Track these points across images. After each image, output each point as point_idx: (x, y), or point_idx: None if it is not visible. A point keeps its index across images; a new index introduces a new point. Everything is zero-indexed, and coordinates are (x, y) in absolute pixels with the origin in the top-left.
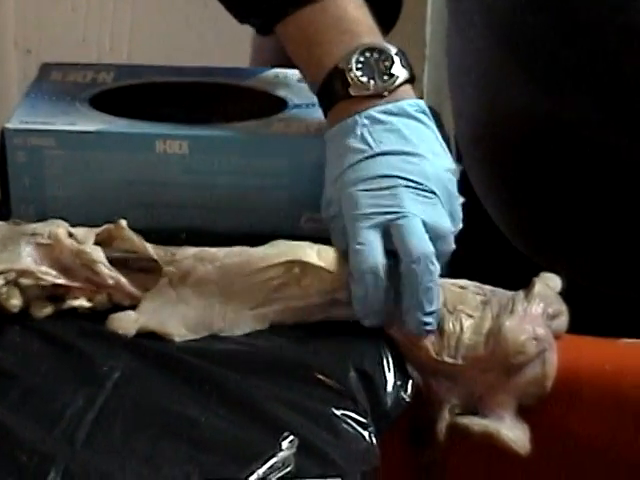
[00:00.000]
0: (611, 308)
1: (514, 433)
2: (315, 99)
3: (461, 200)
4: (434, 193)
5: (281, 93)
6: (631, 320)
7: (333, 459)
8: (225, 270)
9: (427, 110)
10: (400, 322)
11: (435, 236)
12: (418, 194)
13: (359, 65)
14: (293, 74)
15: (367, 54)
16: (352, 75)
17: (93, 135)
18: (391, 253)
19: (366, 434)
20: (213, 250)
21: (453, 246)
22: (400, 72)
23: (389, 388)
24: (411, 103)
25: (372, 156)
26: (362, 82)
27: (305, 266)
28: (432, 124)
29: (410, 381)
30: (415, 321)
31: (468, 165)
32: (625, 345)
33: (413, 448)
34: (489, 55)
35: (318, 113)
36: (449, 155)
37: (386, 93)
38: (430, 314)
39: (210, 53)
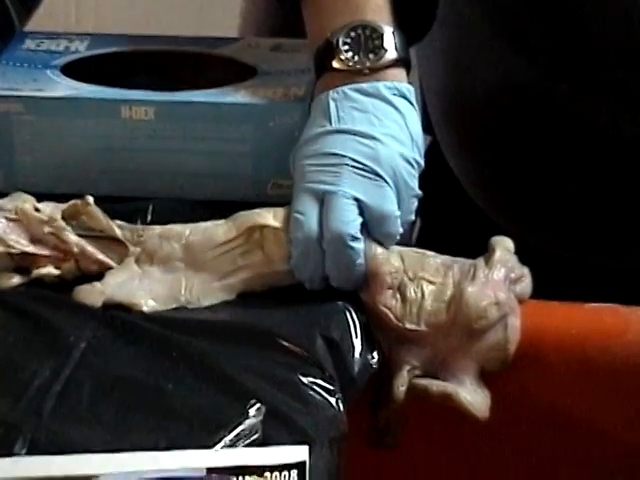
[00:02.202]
0: (579, 274)
1: (473, 397)
2: (286, 67)
3: (417, 193)
4: (382, 177)
5: (251, 61)
6: (598, 285)
7: (300, 426)
8: (190, 247)
9: (409, 95)
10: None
11: (375, 217)
12: (363, 175)
13: (348, 40)
14: (265, 42)
15: (359, 30)
16: (338, 49)
17: (60, 101)
18: None
19: (333, 401)
20: (178, 228)
21: (399, 230)
22: (389, 52)
23: (356, 355)
24: (389, 85)
25: (329, 132)
26: (346, 57)
27: (264, 229)
28: (409, 110)
29: (377, 347)
30: (335, 286)
31: (440, 137)
32: (591, 309)
33: (371, 409)
34: (458, 23)
35: (288, 81)
36: (416, 146)
37: (367, 70)
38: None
39: (183, 25)
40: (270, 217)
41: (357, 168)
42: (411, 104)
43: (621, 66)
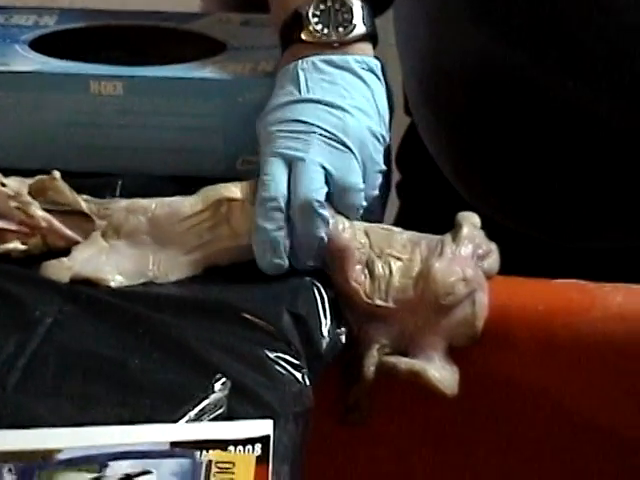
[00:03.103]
0: (550, 253)
1: (442, 374)
2: (255, 42)
3: (382, 168)
4: (349, 148)
5: (221, 36)
6: (569, 264)
7: (266, 401)
8: (156, 221)
9: (377, 70)
10: None
11: (340, 188)
12: (330, 145)
13: (317, 12)
14: (235, 18)
15: (329, 3)
16: (308, 21)
17: (27, 75)
18: None
19: (299, 376)
20: (144, 202)
21: (362, 203)
22: (358, 27)
23: (324, 331)
24: (358, 59)
25: (298, 101)
26: (315, 29)
27: (231, 203)
28: (377, 85)
29: (345, 324)
30: (300, 259)
31: (417, 119)
32: (557, 285)
33: (341, 387)
34: (438, 6)
35: (257, 56)
36: (383, 121)
37: (337, 44)
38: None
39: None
40: (237, 190)
41: (326, 137)
42: (378, 79)
43: (597, 50)
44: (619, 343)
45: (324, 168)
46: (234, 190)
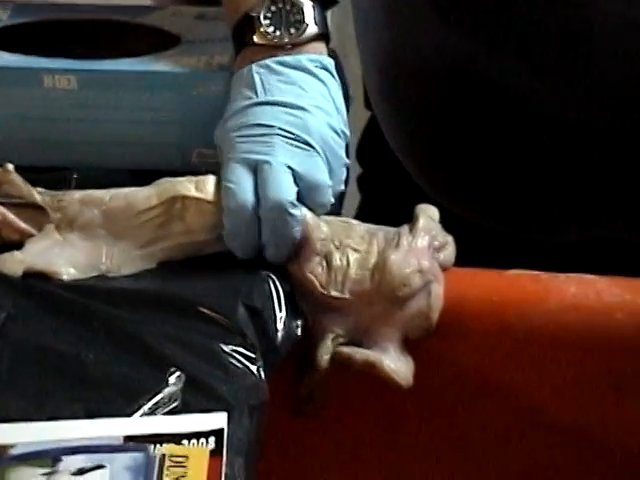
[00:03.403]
0: (504, 244)
1: (397, 365)
2: (210, 35)
3: (346, 162)
4: (313, 147)
5: (175, 30)
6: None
7: (220, 394)
8: (110, 214)
9: (330, 68)
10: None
11: (308, 186)
12: (293, 145)
13: (269, 14)
14: (189, 11)
15: (279, 4)
16: (259, 23)
17: None
18: None
19: (254, 369)
20: (99, 194)
21: (330, 199)
22: (310, 27)
23: (279, 323)
24: (312, 58)
25: (257, 104)
26: (267, 31)
27: (185, 200)
28: (332, 82)
29: (301, 316)
30: (274, 258)
31: (377, 111)
32: (511, 276)
33: (295, 378)
34: None
35: (212, 49)
36: (341, 117)
37: (289, 46)
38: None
39: None
40: (192, 187)
41: (288, 138)
42: (333, 77)
43: (552, 40)
44: (573, 333)
45: (291, 169)
46: (189, 187)
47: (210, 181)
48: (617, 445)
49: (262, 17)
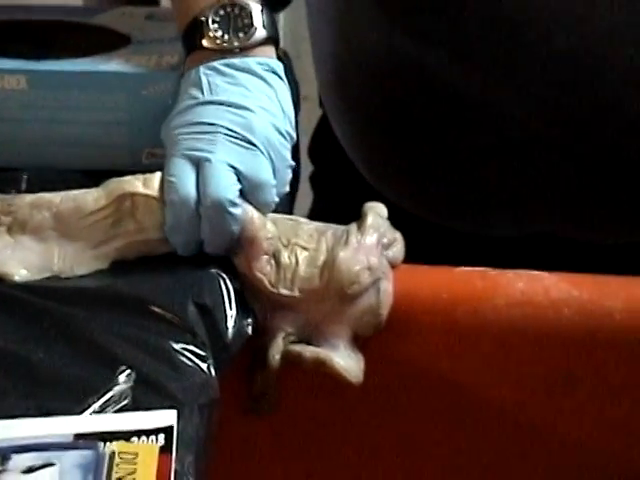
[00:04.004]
0: (454, 241)
1: (347, 362)
2: (159, 35)
3: (291, 164)
4: (256, 146)
5: (125, 30)
6: (471, 250)
7: (170, 391)
8: (61, 216)
9: (279, 71)
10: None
11: (251, 185)
12: (237, 144)
13: (217, 19)
14: (139, 11)
15: (228, 9)
16: (208, 28)
17: None
18: None
19: (204, 366)
20: (48, 197)
21: (275, 199)
22: (259, 31)
23: (229, 321)
24: (260, 61)
25: (202, 103)
26: (216, 35)
27: (134, 198)
28: (280, 85)
29: (251, 314)
30: (210, 252)
31: (327, 107)
32: (461, 273)
33: (246, 376)
34: None
35: (161, 49)
36: (288, 120)
37: (238, 49)
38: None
39: None
40: (140, 185)
41: (231, 137)
42: (281, 79)
43: (486, 36)
44: (521, 329)
45: (233, 167)
46: (136, 184)
47: (157, 178)
48: (568, 438)
49: (210, 21)
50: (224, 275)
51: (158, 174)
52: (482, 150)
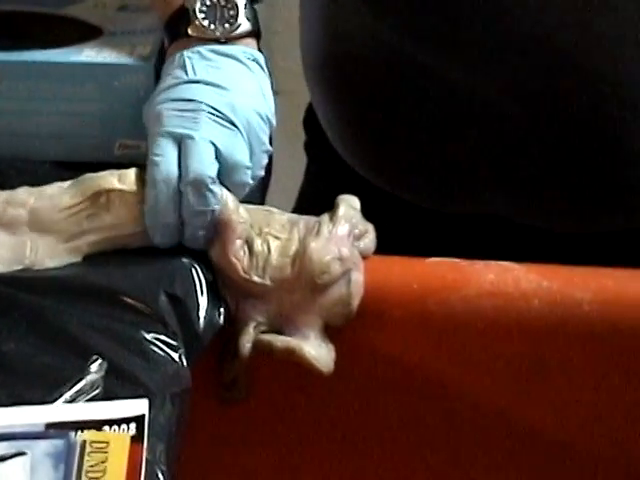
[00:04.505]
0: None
1: (318, 352)
2: (132, 27)
3: (268, 149)
4: (237, 127)
5: (97, 21)
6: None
7: (142, 381)
8: (36, 213)
9: (261, 61)
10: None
11: (229, 165)
12: (219, 123)
13: (204, 8)
14: (111, 3)
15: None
16: (195, 16)
17: None
18: None
19: (176, 356)
20: (23, 194)
21: (249, 180)
22: (243, 23)
23: (201, 311)
24: (244, 50)
25: (186, 82)
26: (202, 24)
27: (110, 193)
28: (262, 74)
29: (223, 304)
30: (191, 234)
31: (312, 99)
32: (431, 264)
33: (218, 365)
34: None
35: (134, 40)
36: (269, 106)
37: (223, 39)
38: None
39: None
40: (115, 180)
41: (214, 115)
42: (263, 70)
43: (479, 33)
44: (491, 319)
45: (214, 145)
46: (112, 180)
47: (132, 173)
48: (537, 427)
49: (198, 10)
50: (196, 265)
51: (134, 170)
52: (444, 124)
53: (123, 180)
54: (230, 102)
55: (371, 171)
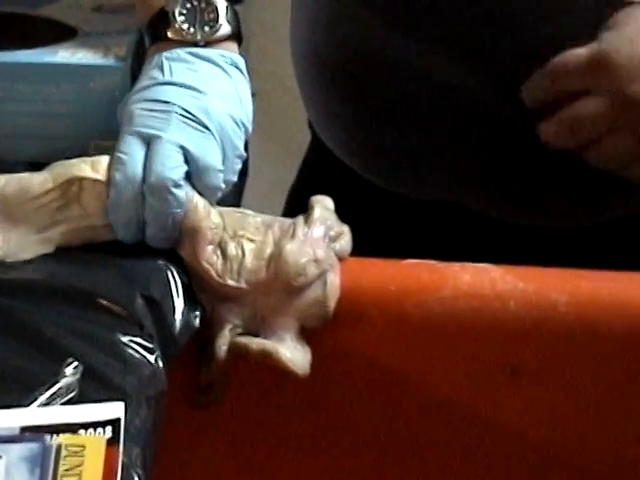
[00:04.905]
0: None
1: (294, 354)
2: (107, 28)
3: (242, 154)
4: (209, 130)
5: (72, 22)
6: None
7: (117, 384)
8: (6, 200)
9: (240, 65)
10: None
11: (199, 168)
12: (190, 125)
13: (184, 11)
14: (86, 3)
15: (195, 2)
16: (174, 19)
17: None
18: None
19: (152, 359)
20: None
21: (221, 185)
22: (223, 26)
23: (177, 314)
24: (222, 54)
25: (161, 83)
26: (182, 27)
27: (82, 182)
28: (240, 78)
29: (199, 307)
30: (152, 236)
31: (302, 95)
32: (408, 265)
33: (195, 369)
34: None
35: (109, 41)
36: (245, 111)
37: (202, 43)
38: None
39: None
40: (88, 168)
41: (185, 117)
42: (242, 74)
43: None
44: (468, 321)
45: (183, 148)
46: (84, 168)
47: (105, 161)
48: (512, 429)
49: (177, 13)
50: (172, 268)
51: (106, 157)
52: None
53: (96, 168)
54: (204, 105)
55: (344, 154)
